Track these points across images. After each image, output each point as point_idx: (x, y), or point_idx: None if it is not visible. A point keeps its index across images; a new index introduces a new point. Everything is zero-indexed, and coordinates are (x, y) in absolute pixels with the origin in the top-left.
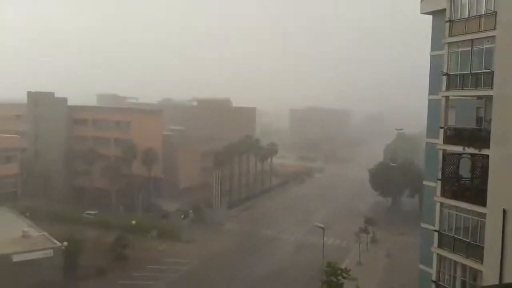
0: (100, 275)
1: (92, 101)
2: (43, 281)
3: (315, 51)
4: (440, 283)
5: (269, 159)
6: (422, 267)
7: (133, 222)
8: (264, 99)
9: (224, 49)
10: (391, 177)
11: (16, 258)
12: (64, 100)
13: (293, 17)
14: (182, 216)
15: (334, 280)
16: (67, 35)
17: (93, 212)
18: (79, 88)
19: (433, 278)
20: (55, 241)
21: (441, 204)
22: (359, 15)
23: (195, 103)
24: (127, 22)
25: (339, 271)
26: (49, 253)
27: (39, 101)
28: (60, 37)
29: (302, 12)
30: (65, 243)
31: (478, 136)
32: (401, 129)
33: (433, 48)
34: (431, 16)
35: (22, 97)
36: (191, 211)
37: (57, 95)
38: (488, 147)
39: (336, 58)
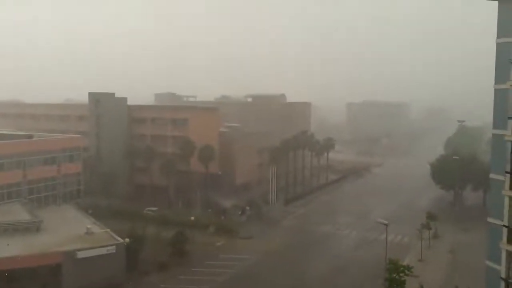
0: (161, 270)
1: (150, 101)
2: (107, 277)
3: (370, 41)
4: (511, 281)
5: (325, 154)
6: (489, 263)
7: (192, 218)
8: (320, 94)
9: (276, 44)
10: (453, 171)
11: (80, 255)
12: (124, 100)
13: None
14: (240, 212)
15: (397, 277)
16: (123, 36)
17: (154, 209)
18: (138, 87)
19: (502, 275)
20: (118, 237)
21: (510, 198)
22: (417, 2)
23: (250, 100)
24: (183, 22)
25: (401, 268)
26: (112, 249)
27: (100, 101)
28: (118, 38)
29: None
30: (127, 240)
31: None
32: (463, 121)
33: (499, 35)
34: (496, 2)
35: (80, 98)
36: (248, 207)
37: (117, 95)
38: None
39: (392, 48)
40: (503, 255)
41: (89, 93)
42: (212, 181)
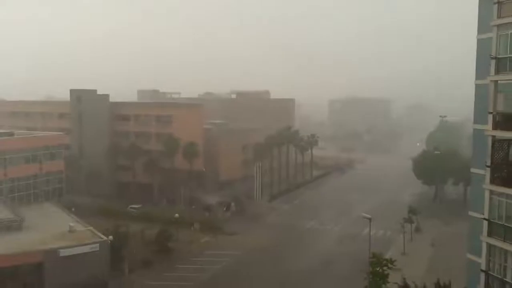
0: (145, 267)
1: (133, 97)
2: (90, 275)
3: (351, 37)
4: (490, 272)
5: (309, 151)
6: (470, 256)
7: (176, 215)
8: (303, 90)
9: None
10: (435, 166)
11: (63, 253)
12: (106, 96)
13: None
14: (224, 209)
15: (379, 270)
16: (108, 34)
17: (137, 206)
18: (121, 84)
19: (483, 267)
20: (101, 235)
21: (491, 191)
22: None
23: (233, 96)
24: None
25: (384, 262)
26: (95, 247)
27: (82, 98)
28: (101, 35)
29: None
30: (111, 237)
31: None
32: (444, 116)
33: (479, 31)
34: None
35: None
36: (232, 203)
37: (99, 92)
38: None
39: (374, 43)
40: (484, 248)
41: (71, 90)
42: (197, 178)
